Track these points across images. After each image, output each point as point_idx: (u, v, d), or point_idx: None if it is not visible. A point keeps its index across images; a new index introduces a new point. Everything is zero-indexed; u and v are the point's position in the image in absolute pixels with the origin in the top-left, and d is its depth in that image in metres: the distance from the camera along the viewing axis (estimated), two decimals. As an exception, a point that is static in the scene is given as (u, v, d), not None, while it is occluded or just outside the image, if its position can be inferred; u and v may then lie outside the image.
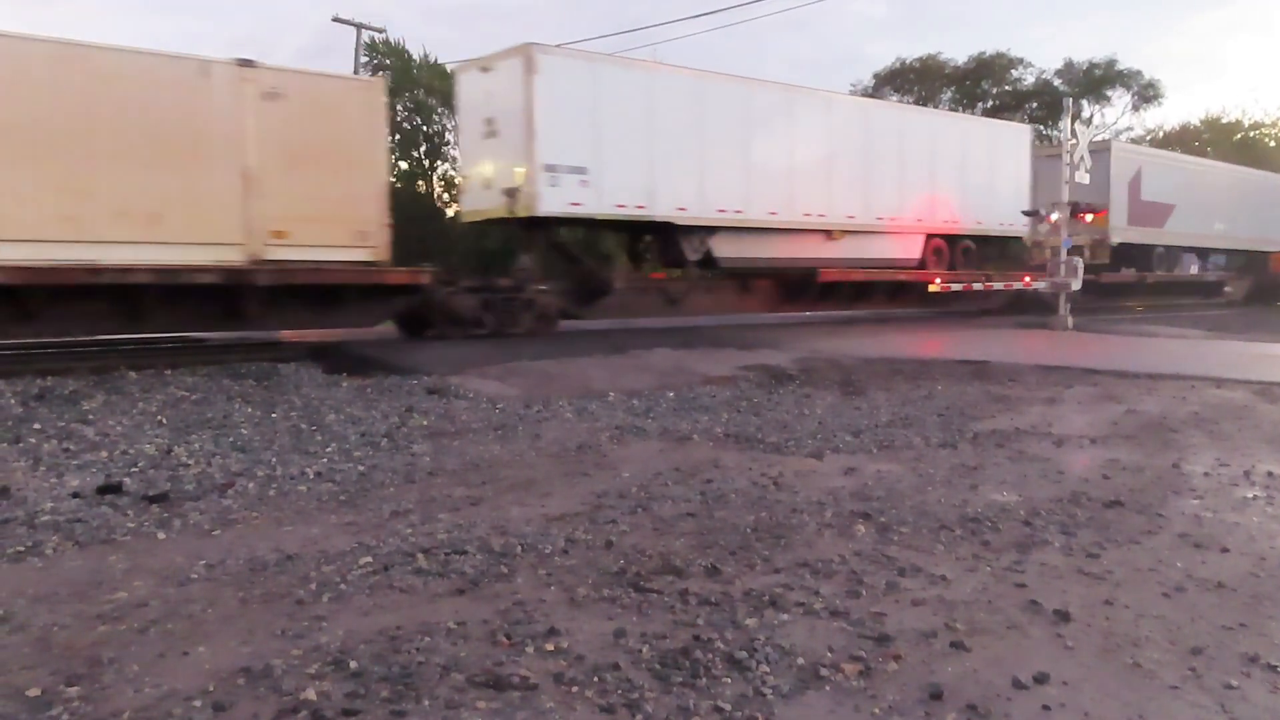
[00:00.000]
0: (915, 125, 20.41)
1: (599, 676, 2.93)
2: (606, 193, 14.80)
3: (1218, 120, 55.45)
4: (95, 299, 10.56)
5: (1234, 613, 3.55)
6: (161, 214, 10.86)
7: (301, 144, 11.81)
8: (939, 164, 19.85)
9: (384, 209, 12.67)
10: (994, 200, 21.00)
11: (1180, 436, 7.20)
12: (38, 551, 4.29)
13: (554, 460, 6.38)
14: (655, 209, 15.47)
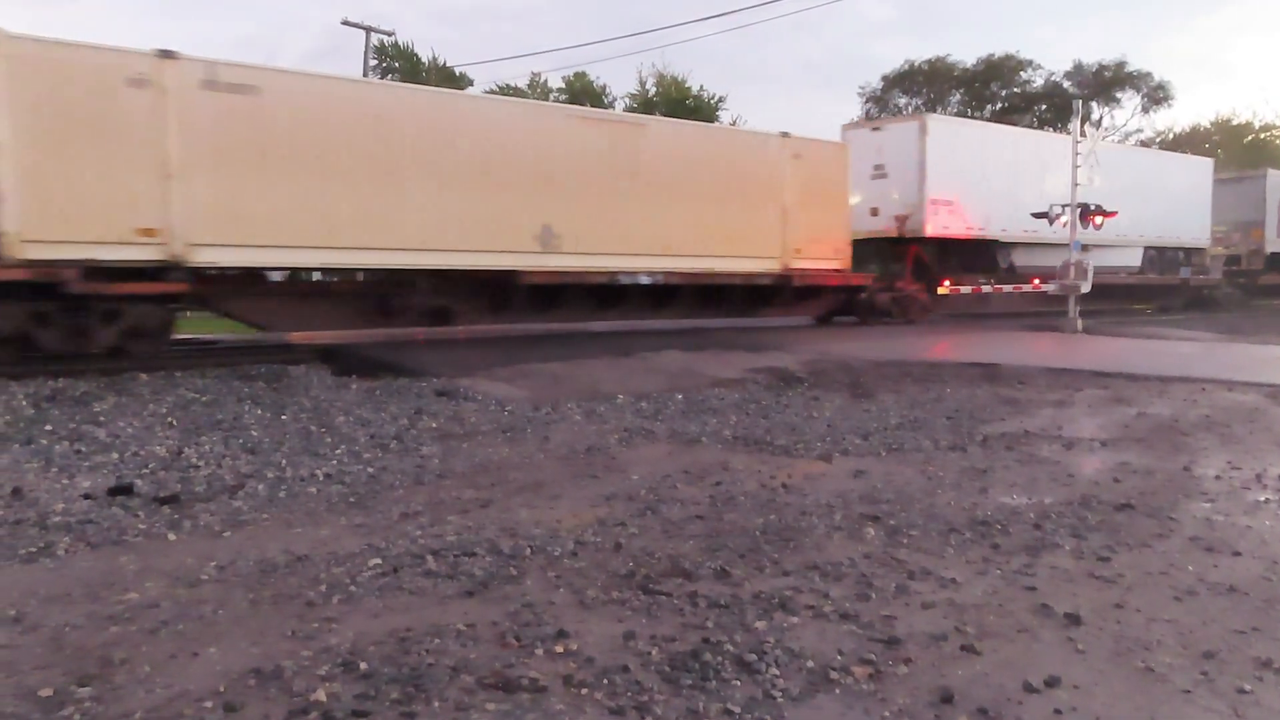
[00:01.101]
0: (1140, 160, 26.93)
1: (608, 679, 2.93)
2: (963, 219, 20.88)
3: (1228, 122, 55.22)
4: (702, 293, 16.50)
5: (1246, 616, 3.53)
6: (742, 237, 16.15)
7: (809, 189, 17.02)
8: (1151, 190, 24.77)
9: (848, 232, 18.16)
10: (1187, 218, 26.79)
11: (1191, 439, 7.17)
12: (50, 552, 4.31)
13: (563, 462, 6.39)
14: (988, 230, 21.56)
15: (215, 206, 11.13)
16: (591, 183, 14.38)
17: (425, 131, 12.82)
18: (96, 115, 10.50)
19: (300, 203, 11.71)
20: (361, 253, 12.45)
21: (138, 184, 10.71)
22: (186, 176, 10.93)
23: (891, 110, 48.14)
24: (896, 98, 47.89)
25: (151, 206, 10.76)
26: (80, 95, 10.38)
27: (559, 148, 14.14)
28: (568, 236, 14.04)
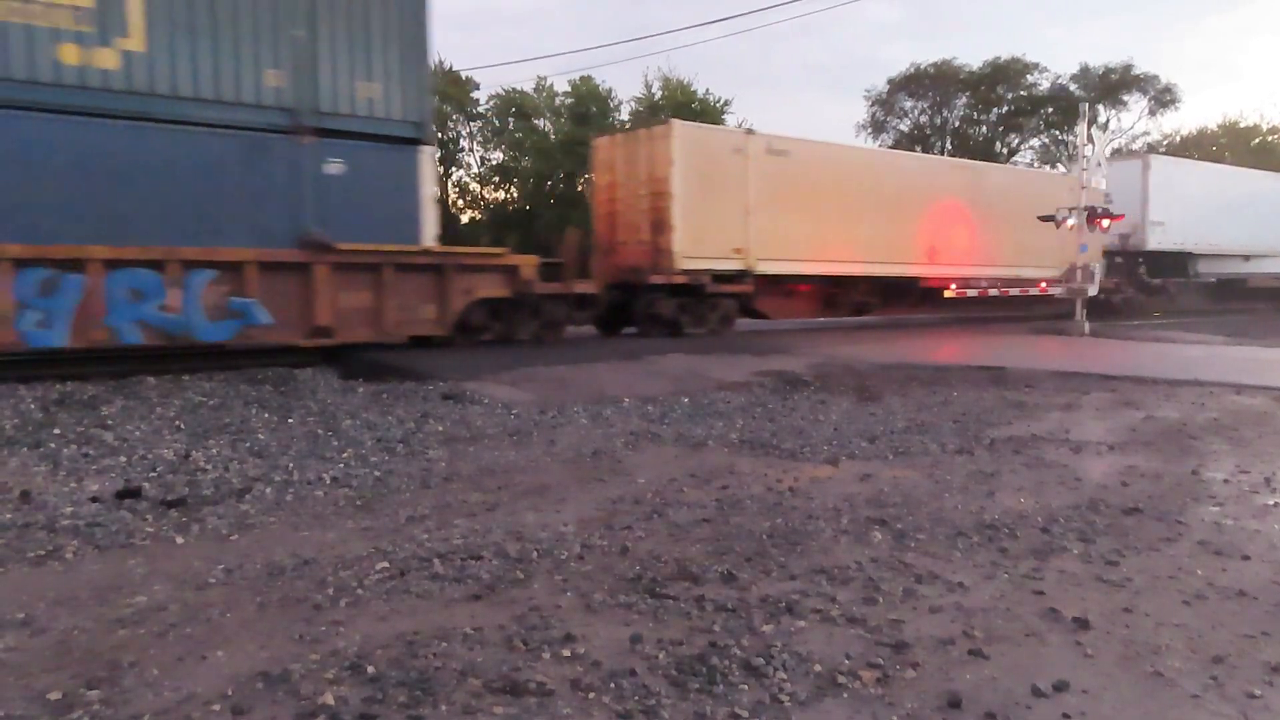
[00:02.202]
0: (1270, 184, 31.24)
1: (615, 682, 2.93)
2: (1170, 236, 26.67)
3: (1235, 125, 55.10)
4: None
5: (1255, 621, 3.51)
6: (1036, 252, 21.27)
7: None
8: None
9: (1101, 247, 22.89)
10: None
11: (1200, 443, 7.14)
12: (58, 555, 4.33)
13: (569, 466, 6.39)
14: (1184, 245, 27.27)
15: (768, 232, 16.69)
16: (955, 211, 19.99)
17: (868, 179, 18.60)
18: (716, 173, 16.12)
19: (808, 230, 17.33)
20: (835, 264, 18.08)
21: (733, 218, 16.37)
22: (756, 213, 16.54)
23: (897, 113, 48.18)
24: (902, 100, 47.89)
25: (738, 233, 16.42)
26: (708, 160, 16.07)
27: (937, 187, 20.01)
28: (946, 251, 19.90)
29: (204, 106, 10.74)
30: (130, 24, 10.25)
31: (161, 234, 10.47)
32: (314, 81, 11.40)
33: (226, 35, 10.83)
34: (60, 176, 10.02)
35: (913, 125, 48.71)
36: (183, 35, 10.57)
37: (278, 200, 11.23)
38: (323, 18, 11.36)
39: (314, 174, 11.43)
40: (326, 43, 11.46)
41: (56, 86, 9.92)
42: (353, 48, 11.65)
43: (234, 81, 10.93)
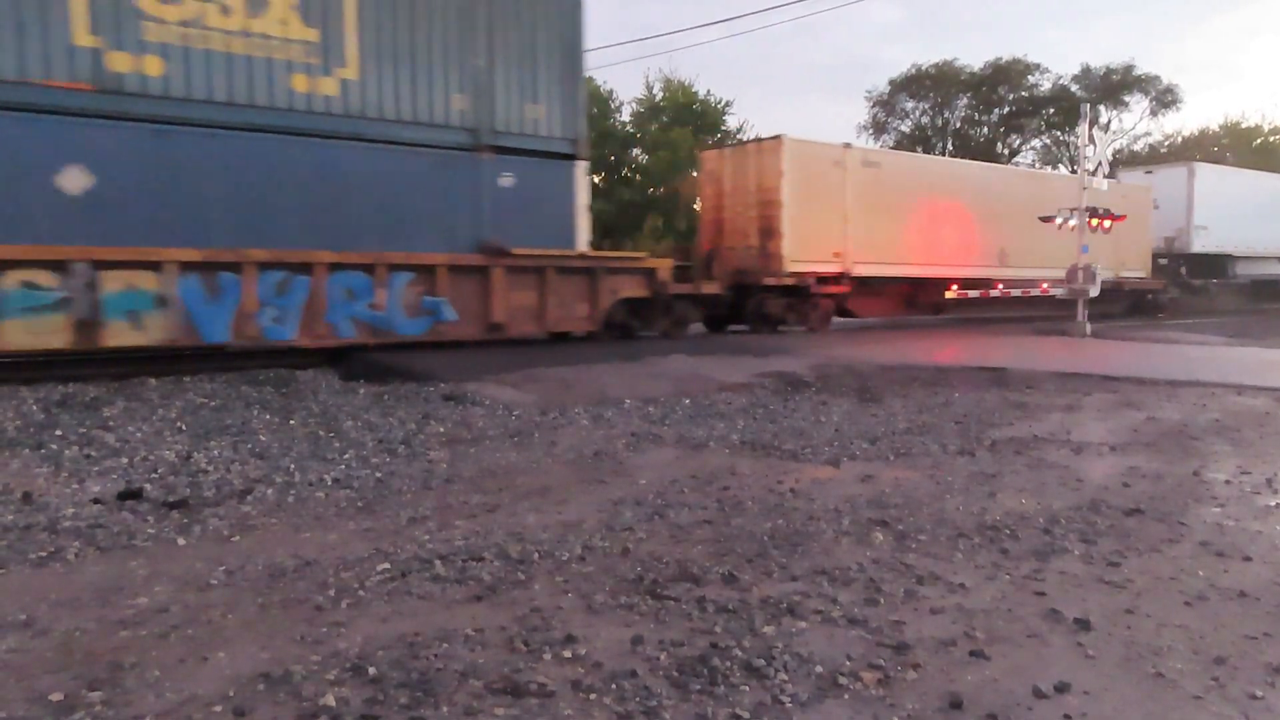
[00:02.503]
0: None
1: (616, 684, 2.93)
2: (1213, 240, 28.65)
3: (1237, 125, 55.06)
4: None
5: (1257, 622, 3.51)
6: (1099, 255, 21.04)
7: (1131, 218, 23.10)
8: None
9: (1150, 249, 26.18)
10: None
11: (1201, 444, 7.14)
12: (60, 557, 4.33)
13: (570, 467, 6.39)
14: (1224, 248, 29.18)
15: (862, 238, 18.33)
16: (1021, 219, 21.18)
17: (948, 188, 20.40)
18: (818, 184, 17.80)
19: (895, 235, 19.10)
20: (919, 267, 19.86)
21: (833, 225, 18.06)
22: (852, 220, 18.24)
23: (898, 114, 48.19)
24: (904, 101, 47.90)
25: (838, 239, 18.10)
26: (812, 172, 17.68)
27: (1005, 195, 21.82)
28: (1012, 254, 21.52)
29: (403, 127, 12.28)
30: (348, 55, 11.84)
31: (368, 240, 12.01)
32: (491, 104, 13.00)
33: (422, 64, 12.35)
34: (289, 190, 11.50)
35: (914, 126, 48.74)
36: (388, 65, 12.09)
37: (461, 210, 12.80)
38: (498, 48, 12.95)
39: (490, 186, 13.02)
40: (501, 70, 13.05)
41: (290, 112, 11.45)
42: (522, 74, 13.25)
43: (427, 105, 12.46)
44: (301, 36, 11.44)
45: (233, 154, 11.08)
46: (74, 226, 10.14)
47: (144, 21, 10.46)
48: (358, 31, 11.83)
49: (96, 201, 10.29)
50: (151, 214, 10.60)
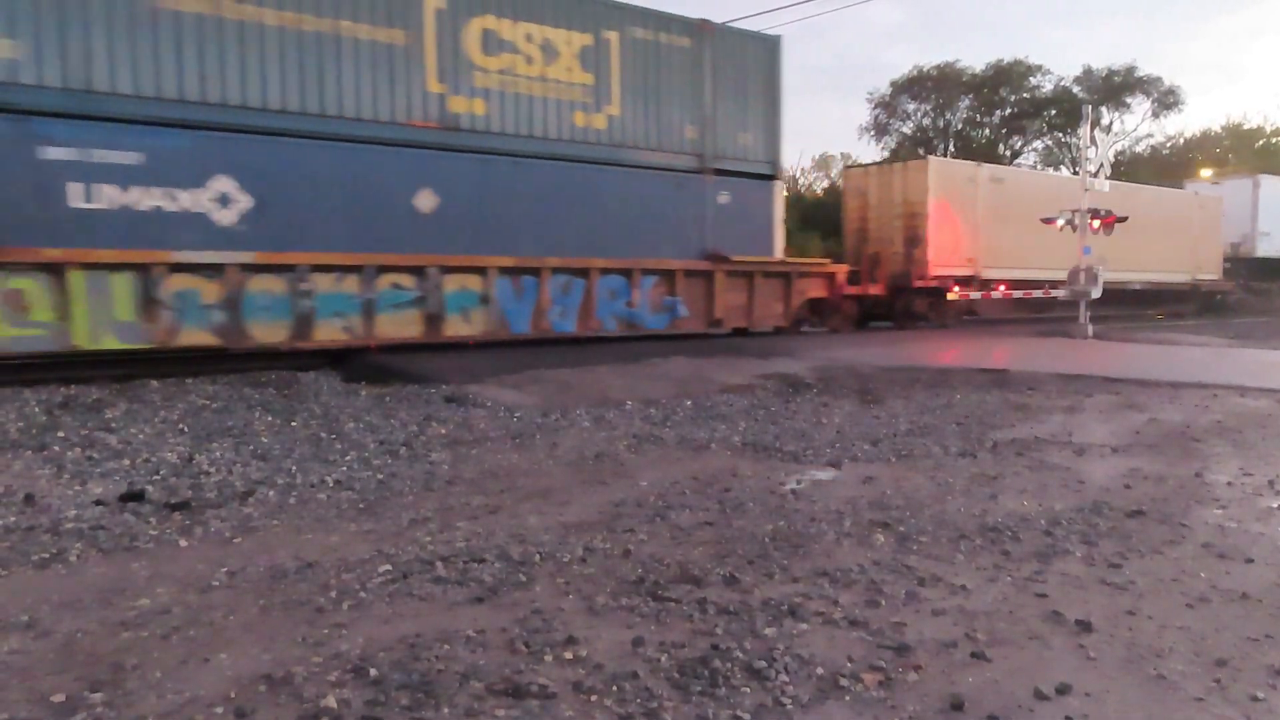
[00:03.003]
0: None
1: (617, 685, 2.93)
2: (1276, 245, 31.50)
3: (1239, 127, 54.99)
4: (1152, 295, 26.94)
5: (1259, 624, 3.51)
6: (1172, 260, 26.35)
7: (1204, 226, 27.80)
8: None
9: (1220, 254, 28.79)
10: None
11: (1203, 445, 7.13)
12: (62, 558, 4.34)
13: (572, 469, 6.39)
14: None
15: (990, 246, 20.78)
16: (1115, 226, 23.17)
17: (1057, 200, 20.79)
18: (956, 198, 20.37)
19: (1014, 243, 21.24)
20: (1033, 270, 21.97)
21: (967, 235, 20.60)
22: (982, 229, 20.64)
23: (899, 116, 48.19)
24: (905, 103, 47.90)
25: (971, 246, 20.58)
26: (951, 188, 20.22)
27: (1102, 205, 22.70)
28: (1111, 260, 21.80)
29: (650, 154, 14.94)
30: (613, 96, 14.50)
31: (622, 249, 14.55)
32: (713, 134, 15.59)
33: (665, 102, 15.04)
34: (568, 207, 13.97)
35: (915, 128, 48.73)
36: (640, 103, 14.74)
37: (690, 223, 15.36)
38: (718, 87, 15.64)
39: (711, 203, 15.59)
40: (720, 105, 15.67)
41: (572, 142, 14.01)
42: (735, 108, 15.87)
43: (668, 136, 15.12)
44: (581, 81, 14.12)
45: (531, 177, 13.60)
46: (425, 239, 12.68)
47: (475, 71, 13.06)
48: (620, 76, 14.54)
49: (440, 218, 12.81)
50: (476, 228, 13.13)
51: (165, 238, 10.81)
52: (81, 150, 10.36)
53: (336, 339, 12.05)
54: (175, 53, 10.82)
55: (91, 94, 10.35)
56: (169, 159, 10.86)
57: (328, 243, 11.91)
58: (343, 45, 11.97)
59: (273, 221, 11.53)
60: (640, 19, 14.82)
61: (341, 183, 12.06)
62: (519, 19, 13.47)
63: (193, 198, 11.05)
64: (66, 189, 10.26)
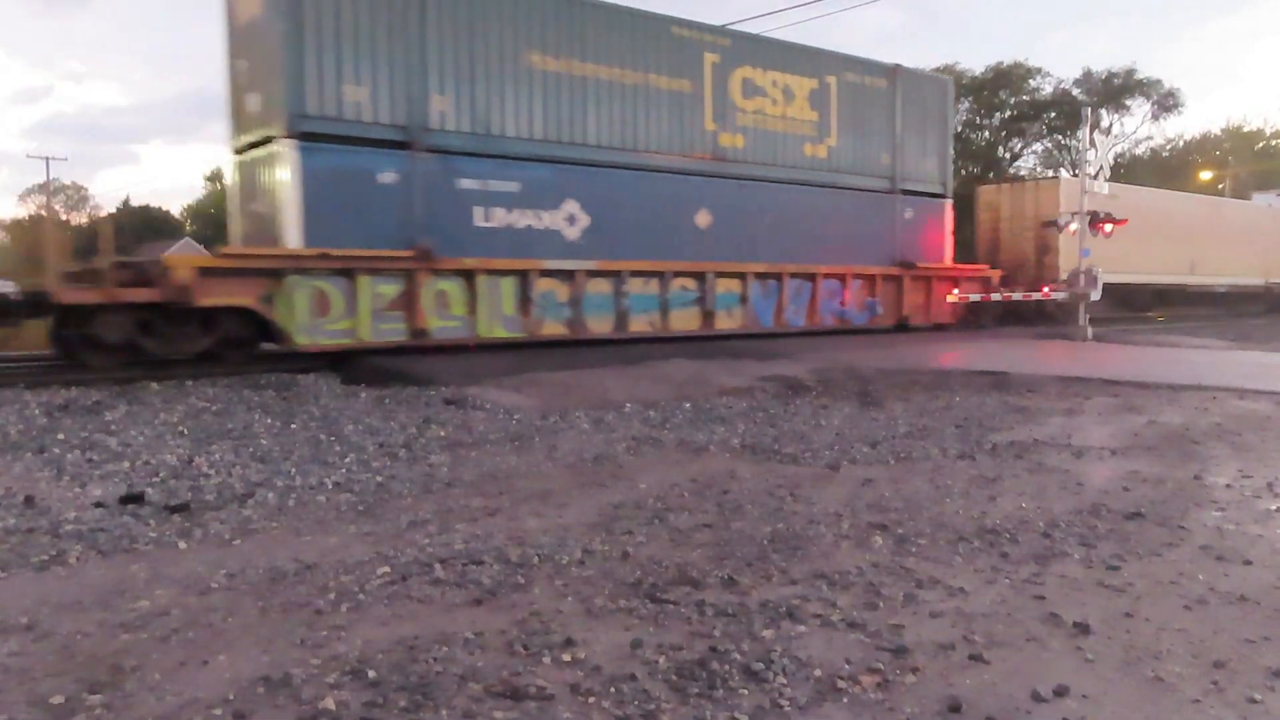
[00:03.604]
0: None
1: (615, 687, 2.94)
2: None
3: (1239, 129, 55.01)
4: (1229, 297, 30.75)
5: (1257, 626, 3.51)
6: (1248, 265, 30.05)
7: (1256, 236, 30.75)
8: None
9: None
10: None
11: (1202, 448, 7.14)
12: (61, 560, 4.34)
13: (570, 471, 6.40)
14: None
15: (1106, 253, 21.33)
16: (1203, 235, 27.62)
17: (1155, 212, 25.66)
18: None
19: (1124, 251, 23.06)
20: (1136, 275, 25.05)
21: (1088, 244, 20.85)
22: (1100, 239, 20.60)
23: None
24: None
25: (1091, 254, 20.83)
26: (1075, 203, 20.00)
27: (1194, 217, 28.16)
28: (1198, 265, 27.25)
29: (856, 178, 18.15)
30: (831, 129, 17.78)
31: (834, 257, 17.62)
32: (902, 159, 18.87)
33: (868, 134, 18.32)
34: (796, 222, 17.11)
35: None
36: (849, 134, 17.99)
37: (884, 236, 18.55)
38: (906, 119, 18.88)
39: (900, 218, 18.84)
40: (906, 135, 18.94)
41: (802, 169, 17.32)
42: (917, 136, 19.22)
43: (869, 162, 18.37)
44: (809, 118, 17.40)
45: (773, 198, 16.82)
46: (701, 249, 15.81)
47: (737, 112, 16.31)
48: (837, 113, 17.77)
49: (712, 232, 15.98)
50: (736, 240, 16.26)
51: (534, 249, 13.86)
52: (482, 181, 13.38)
53: (643, 331, 15.10)
54: (541, 102, 13.95)
55: (489, 136, 13.44)
56: (536, 187, 13.94)
57: (637, 253, 15.00)
58: (650, 94, 15.24)
59: (603, 236, 14.66)
60: (852, 65, 18.25)
61: (647, 204, 15.21)
62: (767, 69, 16.77)
63: (551, 217, 14.17)
64: (472, 211, 13.30)
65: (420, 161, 12.77)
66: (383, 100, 12.44)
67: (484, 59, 13.32)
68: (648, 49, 15.09)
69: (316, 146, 11.92)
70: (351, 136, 12.23)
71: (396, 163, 12.59)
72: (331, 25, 11.95)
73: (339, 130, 12.12)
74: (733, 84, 16.20)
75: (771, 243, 16.70)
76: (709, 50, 15.93)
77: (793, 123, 17.08)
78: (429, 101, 12.83)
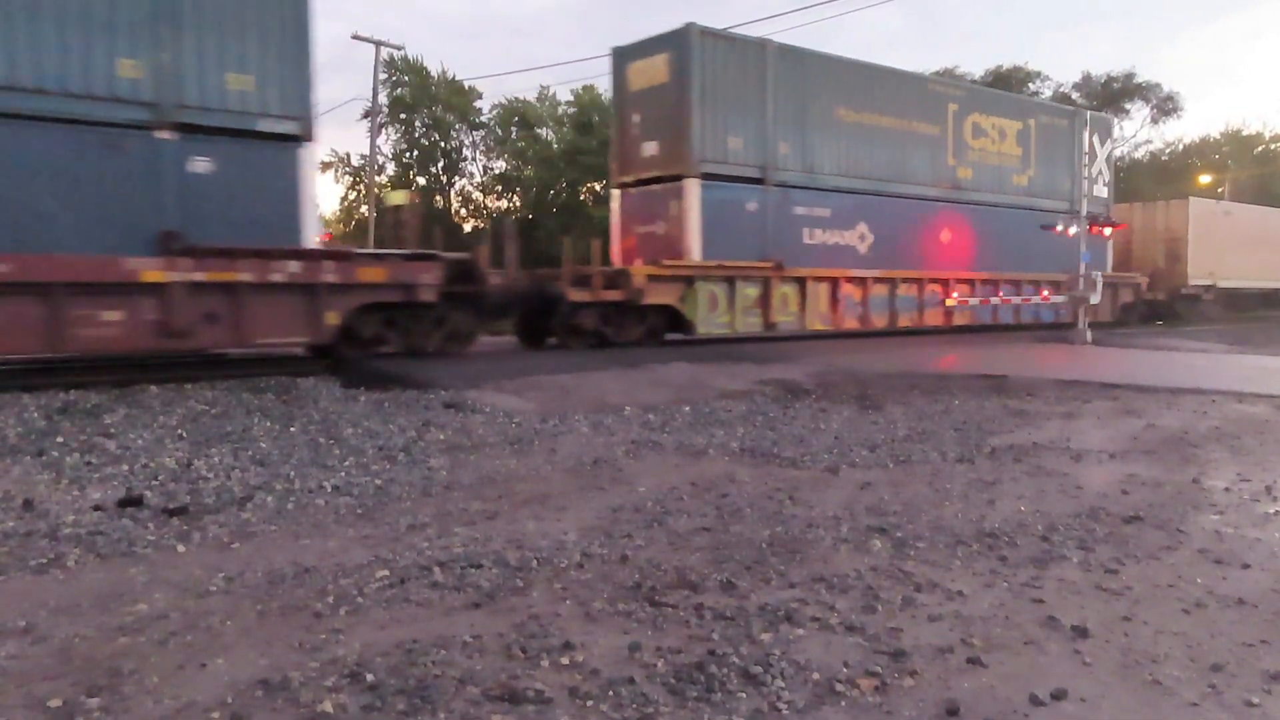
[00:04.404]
0: None
1: (614, 691, 2.94)
2: None
3: (1238, 133, 55.03)
4: None
5: (1255, 629, 3.51)
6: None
7: None
8: None
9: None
10: None
11: (1201, 451, 7.14)
12: (60, 563, 4.34)
13: (570, 474, 6.40)
14: None
15: (1222, 262, 28.11)
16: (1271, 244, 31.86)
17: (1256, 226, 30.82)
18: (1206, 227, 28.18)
19: (1236, 260, 28.84)
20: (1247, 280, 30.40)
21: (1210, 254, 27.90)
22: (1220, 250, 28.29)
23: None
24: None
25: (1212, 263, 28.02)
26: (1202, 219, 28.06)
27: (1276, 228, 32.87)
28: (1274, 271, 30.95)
29: (1048, 201, 22.54)
30: (1031, 162, 22.50)
31: (1034, 265, 21.65)
32: (1068, 182, 23.41)
33: (1055, 166, 23.07)
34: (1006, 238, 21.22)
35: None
36: (1043, 166, 22.72)
37: (1040, 246, 20.92)
38: (1038, 152, 22.69)
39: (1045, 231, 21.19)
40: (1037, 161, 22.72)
41: (1010, 194, 21.88)
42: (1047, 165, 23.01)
43: (1056, 188, 23.03)
44: (1016, 153, 22.09)
45: (991, 219, 21.10)
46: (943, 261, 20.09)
47: (968, 149, 20.78)
48: (1035, 149, 22.47)
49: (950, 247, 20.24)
50: (966, 252, 20.49)
51: (838, 261, 18.14)
52: (808, 208, 17.76)
53: (908, 325, 19.36)
54: (845, 146, 18.31)
55: (812, 173, 17.87)
56: (841, 212, 18.29)
57: (903, 264, 19.24)
58: (911, 137, 19.54)
59: (882, 250, 18.87)
60: (1046, 109, 24.38)
61: (909, 225, 19.42)
62: (989, 114, 21.45)
63: (849, 236, 18.50)
64: (802, 231, 17.69)
65: (770, 194, 17.17)
66: (749, 147, 16.84)
67: (810, 114, 17.76)
68: (910, 101, 19.44)
69: (710, 184, 16.28)
70: (730, 175, 16.62)
71: (756, 195, 17.01)
72: (714, 93, 16.26)
73: (723, 170, 16.49)
74: (966, 127, 20.67)
75: (991, 255, 20.92)
76: (951, 100, 20.48)
77: (1006, 157, 21.70)
78: (776, 147, 17.24)
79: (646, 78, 16.66)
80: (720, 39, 16.61)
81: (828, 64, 18.23)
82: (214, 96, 11.09)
